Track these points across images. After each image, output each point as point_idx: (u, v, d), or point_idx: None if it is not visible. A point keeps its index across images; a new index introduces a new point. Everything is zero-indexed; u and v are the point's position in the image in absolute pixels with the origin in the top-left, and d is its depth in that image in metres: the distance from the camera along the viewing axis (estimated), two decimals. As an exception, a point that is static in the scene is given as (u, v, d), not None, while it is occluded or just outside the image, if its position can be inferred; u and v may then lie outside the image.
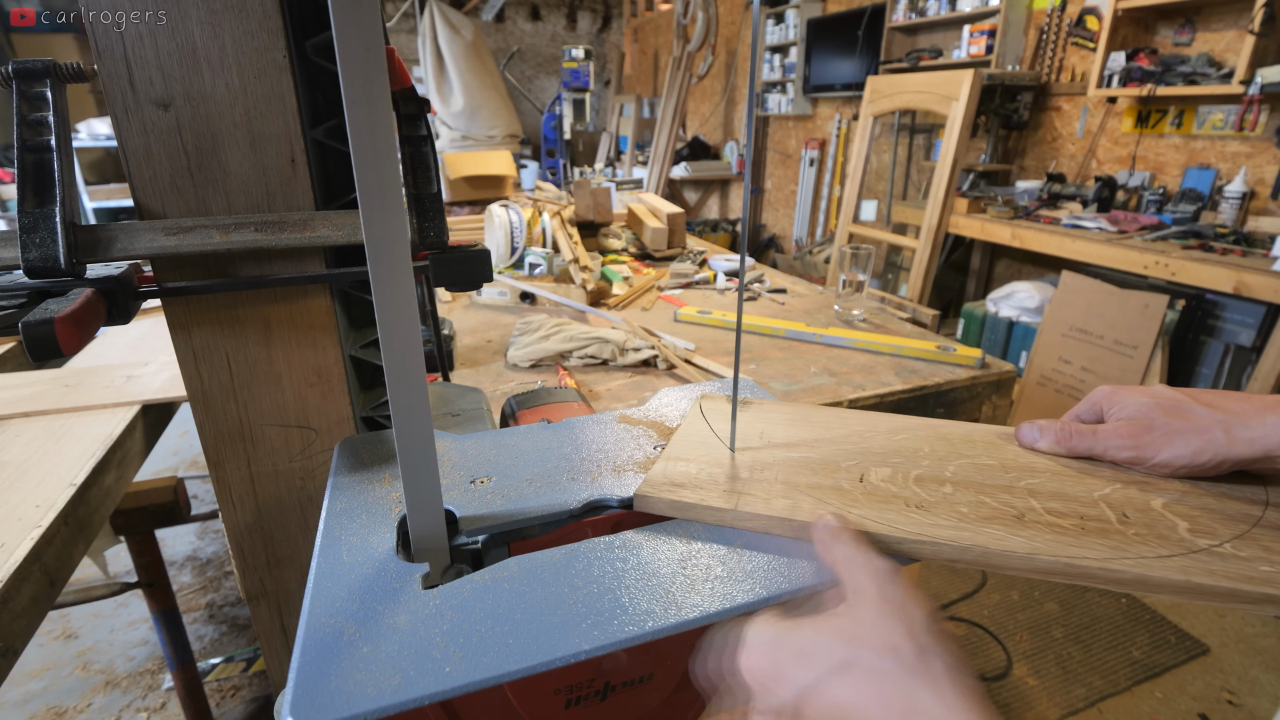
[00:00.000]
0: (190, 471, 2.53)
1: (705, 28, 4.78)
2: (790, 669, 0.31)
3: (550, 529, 0.45)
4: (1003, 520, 0.40)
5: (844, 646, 0.31)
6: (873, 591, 0.33)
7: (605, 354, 1.16)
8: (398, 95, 0.53)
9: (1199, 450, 0.41)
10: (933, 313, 1.70)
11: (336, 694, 0.30)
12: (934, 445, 0.50)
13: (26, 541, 0.61)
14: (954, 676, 0.29)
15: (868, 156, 3.12)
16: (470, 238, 2.04)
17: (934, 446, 0.49)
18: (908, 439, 0.51)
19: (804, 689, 0.30)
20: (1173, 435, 0.42)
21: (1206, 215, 2.64)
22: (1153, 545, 0.38)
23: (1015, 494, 0.43)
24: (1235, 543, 0.37)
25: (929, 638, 0.30)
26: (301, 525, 0.65)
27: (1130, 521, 0.40)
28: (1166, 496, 0.42)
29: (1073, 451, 0.46)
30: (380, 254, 0.34)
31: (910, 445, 0.50)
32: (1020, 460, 0.47)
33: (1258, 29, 2.32)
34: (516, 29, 7.14)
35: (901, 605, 0.32)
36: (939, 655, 0.30)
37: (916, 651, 0.30)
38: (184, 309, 0.54)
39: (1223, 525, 0.39)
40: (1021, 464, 0.46)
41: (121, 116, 0.49)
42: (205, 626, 1.85)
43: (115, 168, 4.40)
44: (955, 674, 0.29)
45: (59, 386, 0.95)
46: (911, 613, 0.31)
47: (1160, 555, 0.37)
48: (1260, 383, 2.13)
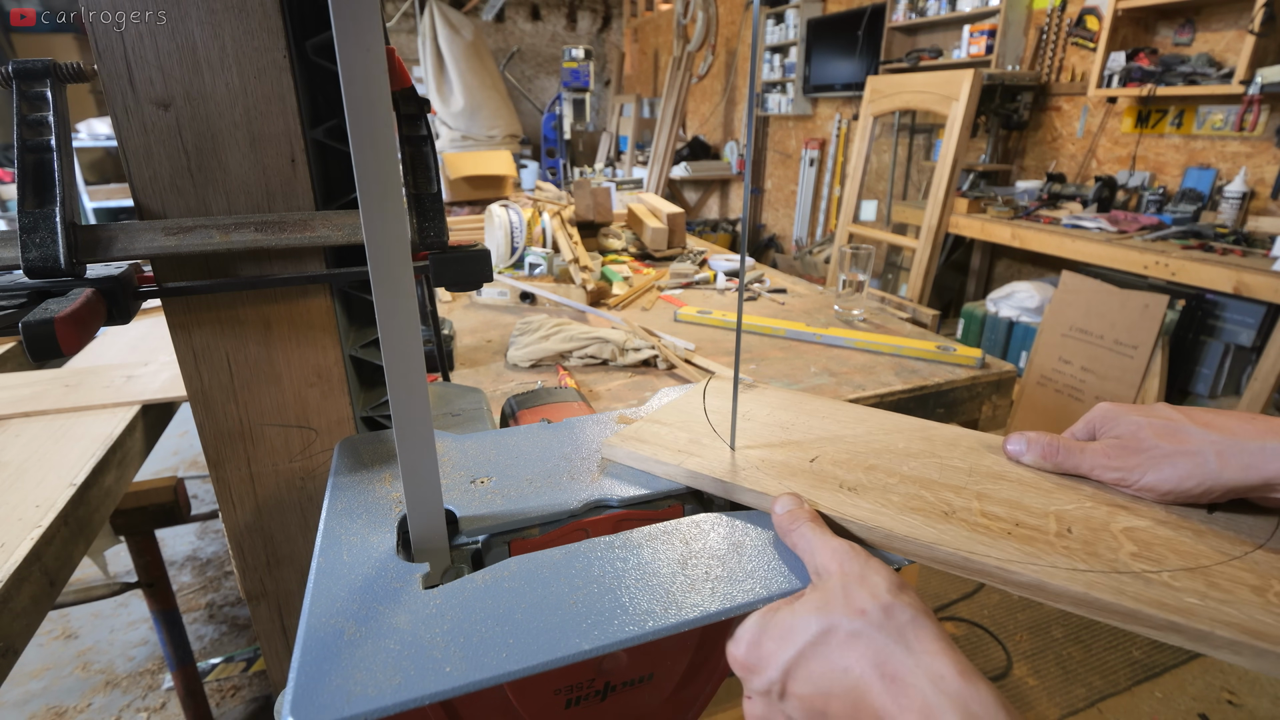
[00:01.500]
0: (190, 471, 2.53)
1: (705, 28, 4.78)
2: (773, 650, 0.33)
3: (550, 529, 0.45)
4: (927, 513, 0.41)
5: (817, 618, 0.33)
6: (834, 567, 0.35)
7: (605, 354, 1.16)
8: (398, 95, 0.53)
9: (1185, 475, 0.39)
10: (933, 313, 1.70)
11: (336, 694, 0.30)
12: (913, 443, 0.50)
13: (26, 541, 0.61)
14: (919, 625, 0.31)
15: (868, 156, 3.12)
16: (470, 238, 2.04)
17: (912, 444, 0.50)
18: (893, 436, 0.51)
19: (787, 664, 0.33)
20: (1160, 459, 0.40)
21: (1206, 215, 2.64)
22: (1075, 559, 0.37)
23: (961, 494, 0.43)
24: (1180, 574, 0.36)
25: (891, 596, 0.33)
26: (301, 525, 0.65)
27: (1070, 536, 0.39)
28: (1136, 521, 0.40)
29: (1059, 468, 0.45)
30: (380, 254, 0.34)
31: (889, 441, 0.50)
32: (994, 468, 0.46)
33: (1258, 29, 2.32)
34: (516, 29, 7.14)
35: (861, 574, 0.34)
36: (903, 608, 0.32)
37: (882, 609, 0.32)
38: (184, 309, 0.54)
39: (1177, 556, 0.37)
40: (992, 471, 0.46)
41: (121, 116, 0.49)
42: (205, 626, 1.84)
43: (115, 168, 4.40)
44: (920, 623, 0.32)
45: (59, 386, 0.95)
46: (872, 579, 0.34)
47: (1074, 568, 0.36)
48: (1260, 383, 2.13)
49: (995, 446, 0.49)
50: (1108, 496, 0.42)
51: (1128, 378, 2.41)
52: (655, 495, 0.47)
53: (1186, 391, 2.52)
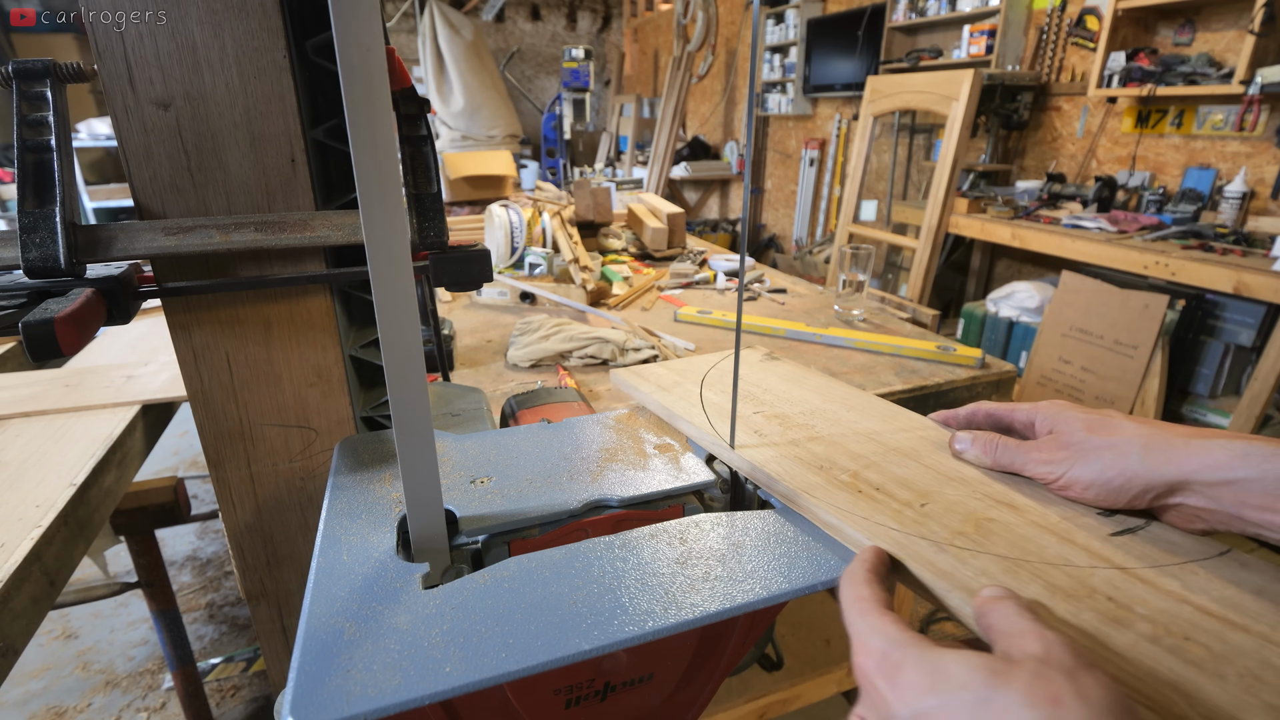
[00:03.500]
0: (190, 471, 2.53)
1: (705, 28, 4.78)
2: (915, 683, 0.27)
3: (550, 529, 0.45)
4: (807, 465, 0.47)
5: (987, 680, 0.26)
6: (1038, 649, 0.27)
7: (605, 354, 1.16)
8: (398, 95, 0.53)
9: (1108, 466, 0.39)
10: (933, 313, 1.70)
11: (336, 694, 0.30)
12: (879, 425, 0.54)
13: (26, 541, 0.61)
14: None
15: (868, 156, 3.12)
16: (470, 238, 2.04)
17: (876, 425, 0.53)
18: (865, 417, 0.55)
19: (924, 710, 0.27)
20: (1088, 451, 0.40)
21: (1206, 215, 2.64)
22: (894, 519, 0.40)
23: (856, 461, 0.47)
24: (989, 557, 0.36)
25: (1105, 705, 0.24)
26: (301, 525, 0.65)
27: (919, 509, 0.41)
28: (1009, 516, 0.40)
29: (997, 464, 0.45)
30: (380, 254, 0.34)
31: (856, 420, 0.54)
32: (923, 455, 0.48)
33: (1258, 29, 2.32)
34: (516, 29, 7.14)
35: (1071, 669, 0.26)
36: None
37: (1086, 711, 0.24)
38: (184, 309, 0.54)
39: (1007, 545, 0.38)
40: (915, 455, 0.48)
41: (121, 116, 0.49)
42: (205, 626, 1.84)
43: (115, 168, 4.40)
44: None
45: (59, 386, 0.95)
46: (1083, 679, 0.25)
47: (879, 523, 0.40)
48: (1260, 383, 2.13)
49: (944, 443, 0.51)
50: (1016, 496, 0.43)
51: (1128, 378, 2.41)
52: (655, 495, 0.48)
53: (1186, 391, 2.52)
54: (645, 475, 0.49)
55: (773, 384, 0.63)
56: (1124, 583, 0.35)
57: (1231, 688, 0.29)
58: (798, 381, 0.63)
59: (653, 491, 0.47)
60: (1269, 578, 0.35)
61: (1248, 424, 2.17)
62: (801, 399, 0.59)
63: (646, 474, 0.49)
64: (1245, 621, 0.33)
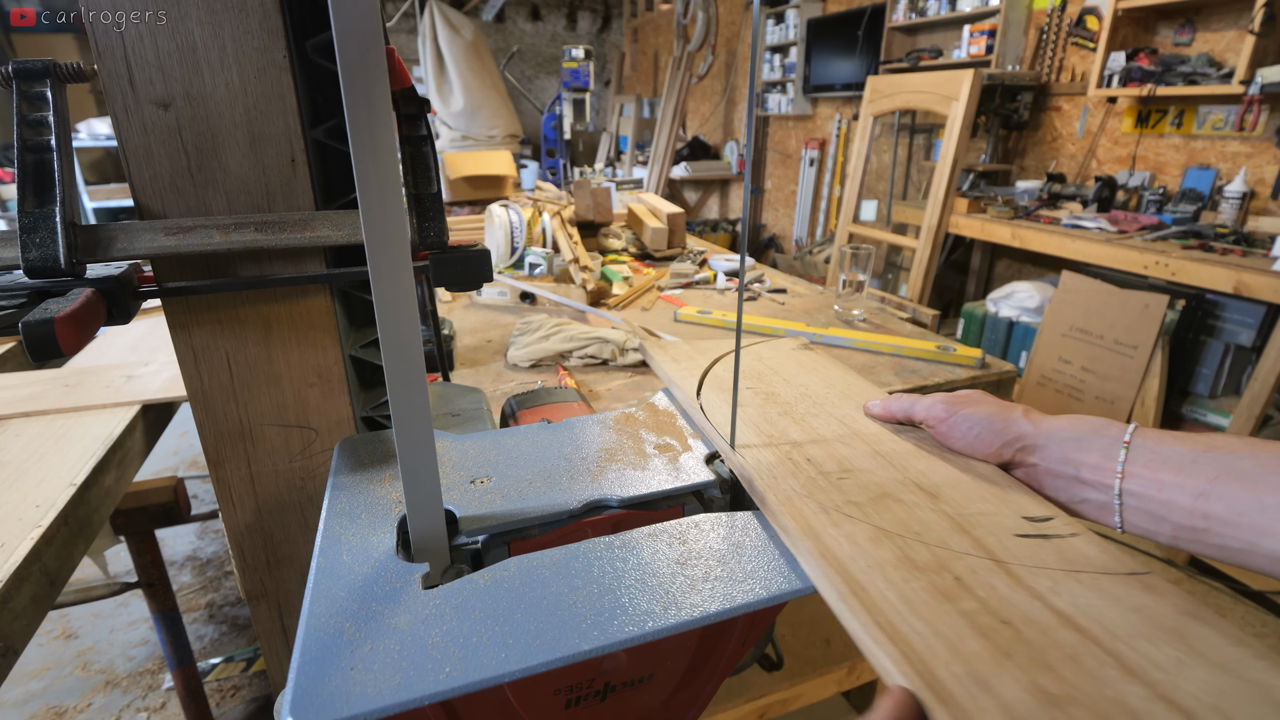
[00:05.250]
0: (190, 471, 2.52)
1: (705, 28, 4.78)
2: None
3: (550, 529, 0.45)
4: (758, 429, 0.52)
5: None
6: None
7: (605, 354, 1.16)
8: (398, 95, 0.53)
9: (981, 420, 0.44)
10: (933, 313, 1.70)
11: (336, 694, 0.30)
12: (832, 388, 0.60)
13: (26, 541, 0.61)
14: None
15: (868, 156, 3.12)
16: (470, 238, 2.04)
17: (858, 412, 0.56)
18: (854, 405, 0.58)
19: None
20: (978, 401, 0.45)
21: (1206, 215, 2.63)
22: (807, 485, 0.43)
23: (813, 438, 0.51)
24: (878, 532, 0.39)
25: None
26: (301, 525, 0.65)
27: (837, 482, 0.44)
28: (932, 504, 0.42)
29: (887, 413, 0.51)
30: (380, 254, 0.34)
31: (839, 404, 0.57)
32: (887, 444, 0.50)
33: (1258, 29, 2.32)
34: (516, 29, 7.14)
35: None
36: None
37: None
38: (184, 309, 0.54)
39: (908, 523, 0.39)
40: (884, 446, 0.50)
41: (121, 116, 0.49)
42: (205, 626, 1.84)
43: (115, 168, 4.40)
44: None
45: (59, 386, 0.95)
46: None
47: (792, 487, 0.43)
48: (1260, 383, 2.13)
49: None
50: (945, 489, 0.44)
51: (1128, 378, 2.41)
52: (655, 495, 0.48)
53: (1186, 391, 2.52)
54: (645, 475, 0.49)
55: (785, 367, 0.65)
56: (987, 572, 0.35)
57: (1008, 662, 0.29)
58: (810, 369, 0.66)
59: (653, 491, 0.47)
60: (1165, 604, 0.33)
61: (1248, 424, 2.17)
62: (803, 383, 0.61)
63: (646, 474, 0.49)
64: (1087, 625, 0.31)
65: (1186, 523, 0.35)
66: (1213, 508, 0.33)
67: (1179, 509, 0.35)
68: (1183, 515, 0.35)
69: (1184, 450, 0.36)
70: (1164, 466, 0.36)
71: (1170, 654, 0.30)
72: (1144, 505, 0.36)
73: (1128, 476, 0.37)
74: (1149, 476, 0.36)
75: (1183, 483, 0.35)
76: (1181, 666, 0.29)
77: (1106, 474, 0.38)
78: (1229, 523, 0.33)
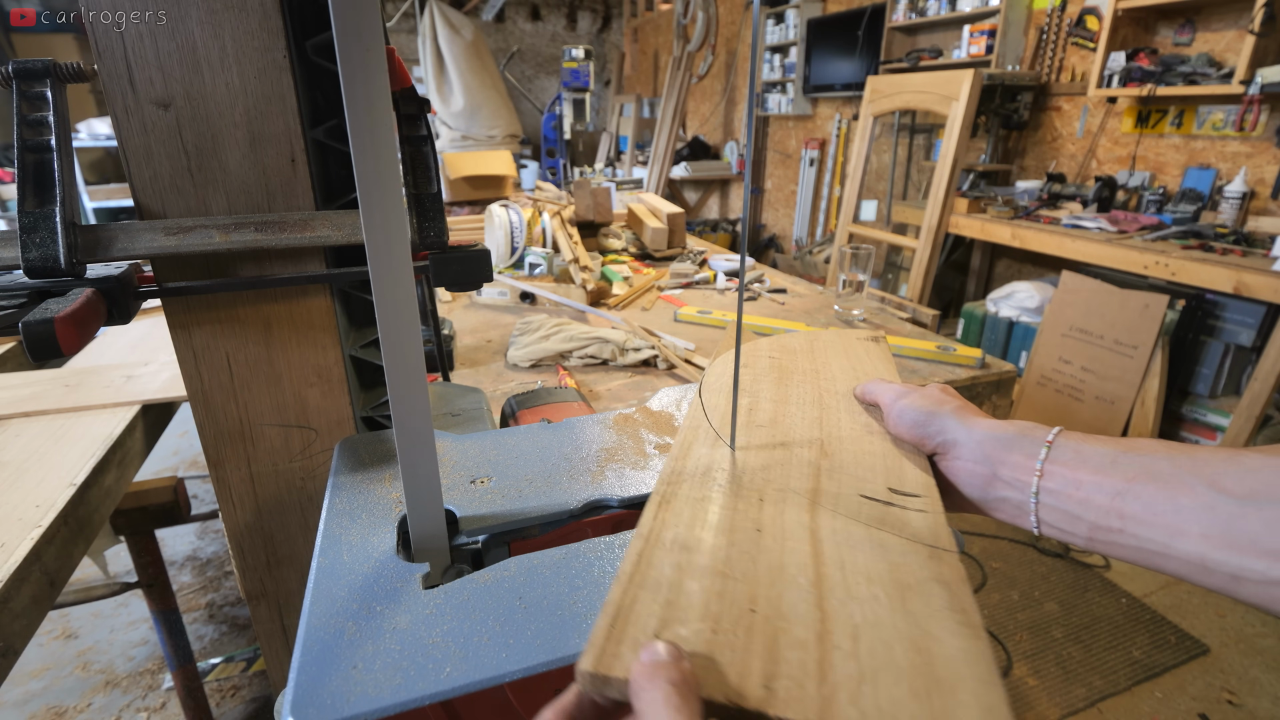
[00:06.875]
0: (190, 471, 2.52)
1: (705, 28, 4.78)
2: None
3: (550, 529, 0.45)
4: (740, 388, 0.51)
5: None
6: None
7: (605, 354, 1.16)
8: (398, 95, 0.53)
9: (927, 397, 0.44)
10: (933, 313, 1.70)
11: (336, 694, 0.30)
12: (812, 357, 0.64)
13: (26, 541, 0.61)
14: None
15: (868, 156, 3.12)
16: (470, 238, 2.04)
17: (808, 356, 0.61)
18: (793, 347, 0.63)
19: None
20: (920, 395, 0.45)
21: (1206, 215, 2.63)
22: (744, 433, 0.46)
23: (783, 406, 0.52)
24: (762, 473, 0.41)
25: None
26: (301, 525, 0.65)
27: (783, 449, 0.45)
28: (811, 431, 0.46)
29: (863, 394, 0.52)
30: (380, 254, 0.34)
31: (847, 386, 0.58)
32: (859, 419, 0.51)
33: (1258, 29, 2.32)
34: (516, 29, 7.14)
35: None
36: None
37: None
38: (184, 309, 0.54)
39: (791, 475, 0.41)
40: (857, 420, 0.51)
41: (121, 116, 0.49)
42: (205, 626, 1.84)
43: (115, 168, 4.40)
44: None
45: (59, 386, 0.95)
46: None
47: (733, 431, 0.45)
48: (1260, 383, 2.13)
49: None
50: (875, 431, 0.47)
51: (1128, 378, 2.41)
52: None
53: (1186, 391, 2.52)
54: (645, 475, 0.49)
55: (825, 354, 0.67)
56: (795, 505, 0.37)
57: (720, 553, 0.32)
58: (847, 353, 0.67)
59: (653, 491, 0.47)
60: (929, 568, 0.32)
61: (1247, 424, 2.17)
62: (824, 366, 0.62)
63: (647, 474, 0.49)
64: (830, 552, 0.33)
65: (1103, 522, 0.34)
66: (1129, 507, 0.33)
67: (1095, 507, 0.34)
68: (1099, 514, 0.34)
69: (1105, 451, 0.36)
70: (1083, 466, 0.36)
71: (874, 591, 0.30)
72: (1060, 504, 0.36)
73: (1046, 475, 0.37)
74: (1068, 475, 0.36)
75: (1101, 481, 0.35)
76: (873, 601, 0.30)
77: (1025, 472, 0.37)
78: (1144, 522, 0.33)
